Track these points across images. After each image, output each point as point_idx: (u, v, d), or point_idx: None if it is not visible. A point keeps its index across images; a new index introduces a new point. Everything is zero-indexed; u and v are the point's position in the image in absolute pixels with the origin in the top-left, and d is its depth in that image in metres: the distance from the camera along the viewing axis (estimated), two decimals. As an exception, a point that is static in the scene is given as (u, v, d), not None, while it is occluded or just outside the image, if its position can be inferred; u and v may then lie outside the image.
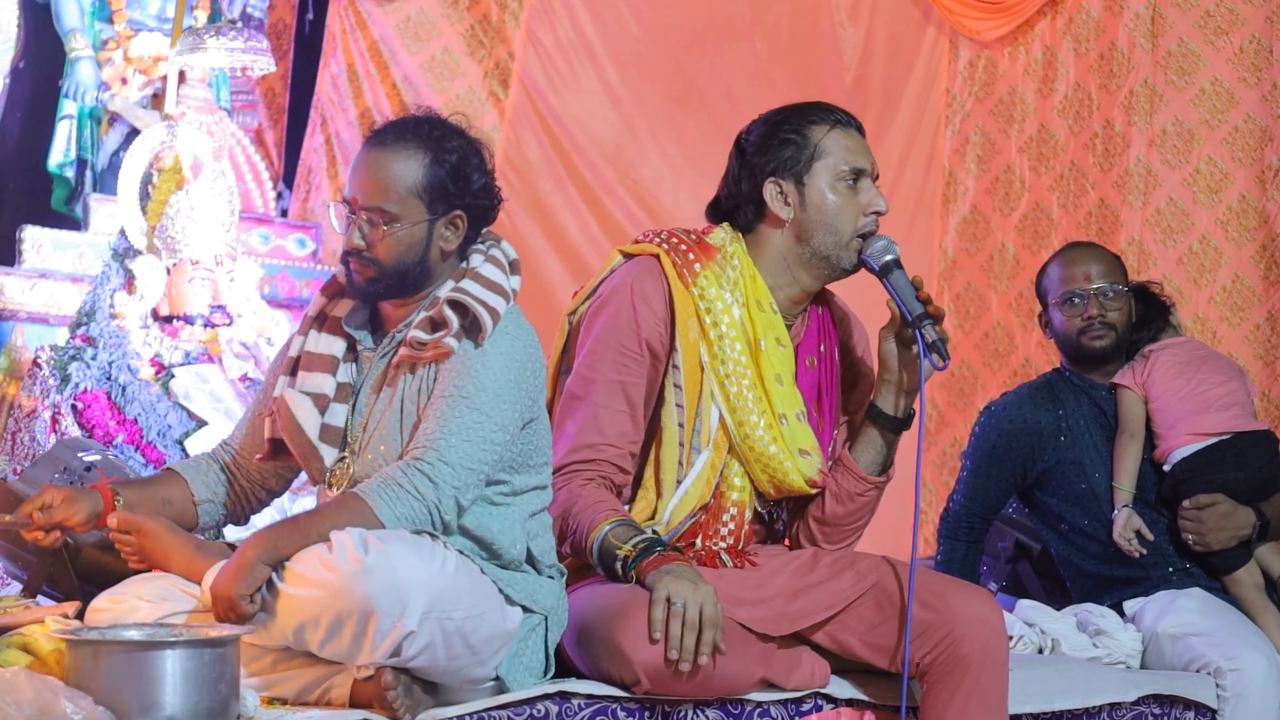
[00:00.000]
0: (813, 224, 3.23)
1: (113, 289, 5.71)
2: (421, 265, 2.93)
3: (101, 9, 6.43)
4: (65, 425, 5.34)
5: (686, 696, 2.98)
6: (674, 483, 3.15)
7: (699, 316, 3.17)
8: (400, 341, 2.92)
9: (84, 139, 6.37)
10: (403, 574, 2.64)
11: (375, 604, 2.62)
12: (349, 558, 2.64)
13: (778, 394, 3.18)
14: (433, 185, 2.91)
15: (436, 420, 2.82)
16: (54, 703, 2.38)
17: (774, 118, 3.30)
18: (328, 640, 2.69)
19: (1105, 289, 4.05)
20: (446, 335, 2.85)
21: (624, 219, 7.46)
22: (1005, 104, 7.52)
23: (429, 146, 2.93)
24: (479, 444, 2.82)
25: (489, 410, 2.84)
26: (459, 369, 2.85)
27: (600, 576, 3.10)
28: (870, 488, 3.26)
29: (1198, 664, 3.71)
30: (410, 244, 2.92)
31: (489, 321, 2.87)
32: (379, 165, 2.93)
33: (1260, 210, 6.73)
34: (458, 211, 2.94)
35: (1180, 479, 3.94)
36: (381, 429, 2.92)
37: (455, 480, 2.79)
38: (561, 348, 3.31)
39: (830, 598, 3.13)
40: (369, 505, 2.75)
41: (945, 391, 7.48)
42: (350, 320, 3.01)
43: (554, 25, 7.66)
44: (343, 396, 2.98)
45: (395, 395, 2.92)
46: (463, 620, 2.73)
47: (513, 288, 2.98)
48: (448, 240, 2.95)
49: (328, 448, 2.96)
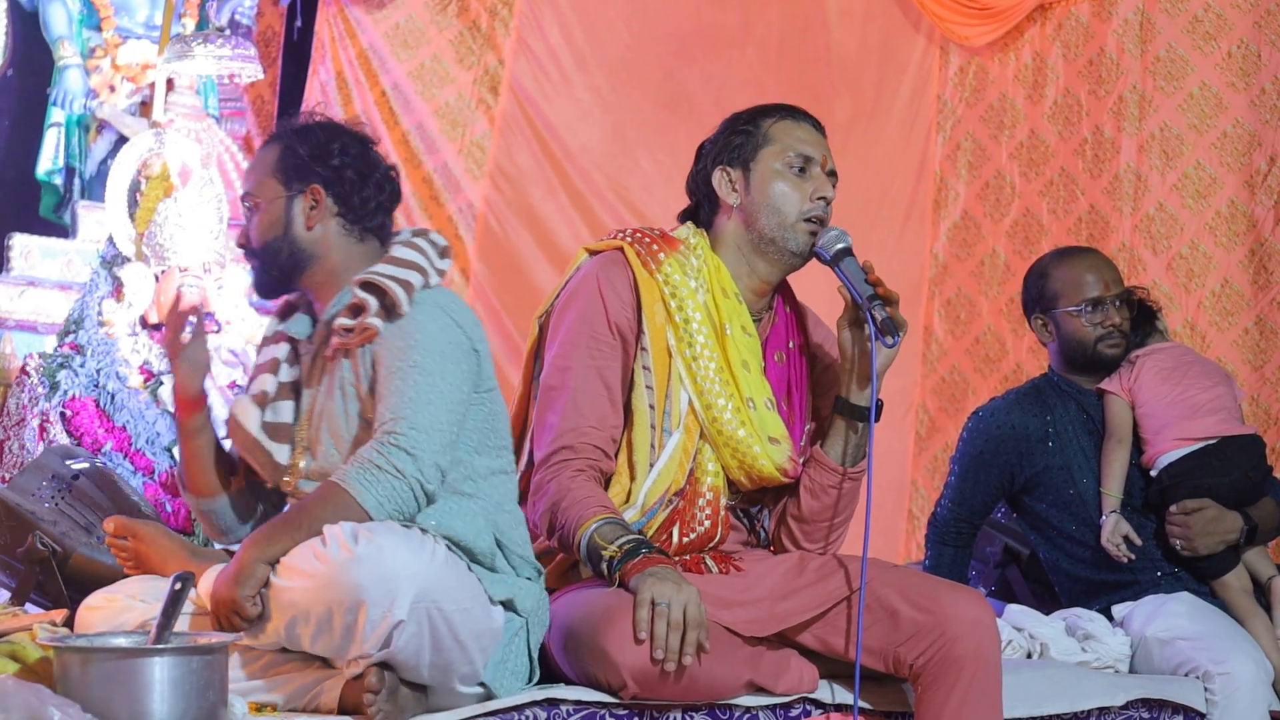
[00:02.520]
0: (757, 206, 3.26)
1: (101, 296, 5.71)
2: (287, 242, 3.01)
3: (89, 17, 6.43)
4: (54, 433, 5.34)
5: (674, 701, 2.98)
6: (647, 465, 3.16)
7: (664, 301, 3.20)
8: (328, 330, 2.97)
9: (72, 147, 6.36)
10: (392, 563, 2.66)
11: (366, 593, 2.64)
12: (340, 548, 2.66)
13: (745, 379, 3.20)
14: (286, 163, 3.02)
15: (394, 395, 2.84)
16: (42, 710, 2.38)
17: (732, 116, 3.37)
18: (319, 633, 2.70)
19: (1122, 295, 4.05)
20: (367, 317, 2.89)
21: (614, 225, 7.41)
22: (996, 110, 7.53)
23: (286, 134, 3.07)
24: (441, 405, 2.85)
25: (439, 372, 2.87)
26: (396, 345, 2.89)
27: (585, 581, 3.11)
28: (841, 479, 3.26)
29: (1186, 668, 3.71)
30: (271, 222, 3.02)
31: (401, 294, 2.90)
32: (251, 163, 3.12)
33: (1249, 215, 6.74)
34: (313, 185, 3.01)
35: (1167, 484, 3.94)
36: (328, 418, 2.96)
37: (431, 444, 2.82)
38: (532, 350, 3.31)
39: (818, 599, 3.13)
40: (350, 493, 2.77)
41: (936, 397, 7.49)
42: (291, 326, 3.08)
43: (544, 32, 7.66)
44: (286, 394, 3.03)
45: (334, 383, 2.96)
46: (451, 612, 2.74)
47: (438, 268, 3.02)
48: (309, 216, 3.01)
49: (276, 445, 3.01)
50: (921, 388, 7.51)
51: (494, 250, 7.67)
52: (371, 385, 2.91)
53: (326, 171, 3.01)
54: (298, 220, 3.01)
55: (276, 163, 3.03)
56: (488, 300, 7.64)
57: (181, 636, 2.60)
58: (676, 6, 7.78)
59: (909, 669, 3.09)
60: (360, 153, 3.06)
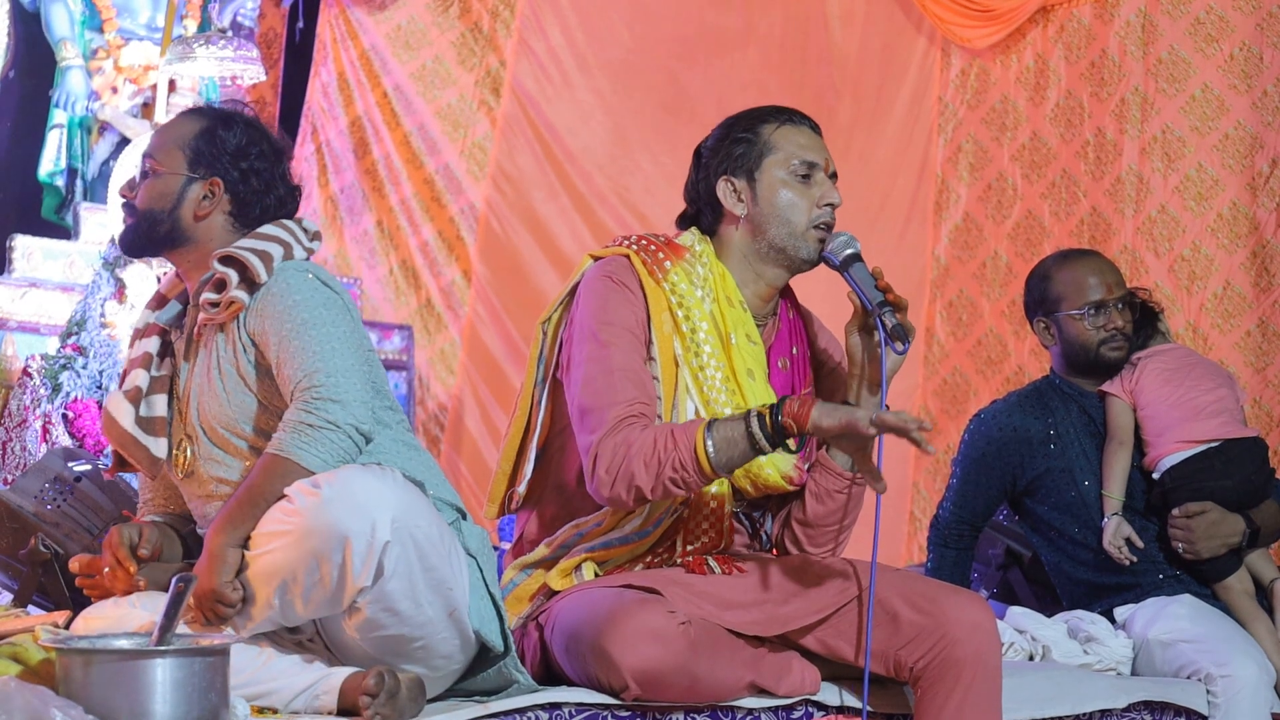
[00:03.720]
0: (765, 217, 3.24)
1: (103, 298, 5.72)
2: (171, 219, 3.00)
3: (92, 18, 6.43)
4: (56, 435, 5.35)
5: (676, 703, 2.98)
6: None
7: (671, 311, 3.19)
8: (195, 311, 2.97)
9: (74, 148, 6.37)
10: (362, 493, 2.68)
11: (346, 527, 2.66)
12: (306, 497, 2.68)
13: (750, 388, 3.19)
14: (197, 146, 3.01)
15: (296, 355, 2.84)
16: (44, 712, 2.38)
17: (728, 122, 3.34)
18: (312, 588, 2.71)
19: (1125, 298, 4.05)
20: (230, 290, 2.89)
21: (616, 228, 7.46)
22: (997, 112, 7.54)
23: (213, 116, 3.08)
24: (346, 347, 2.86)
25: (329, 320, 2.87)
26: (276, 313, 2.89)
27: (587, 583, 3.10)
28: (849, 484, 3.25)
29: (1188, 670, 3.71)
30: (162, 193, 3.01)
31: (258, 263, 2.90)
32: (165, 125, 3.12)
33: (1251, 217, 6.75)
34: (215, 178, 3.00)
35: (1169, 487, 3.94)
36: (203, 400, 2.95)
37: (352, 385, 2.82)
38: (537, 355, 3.30)
39: (820, 601, 3.13)
40: (291, 458, 2.77)
41: (938, 399, 7.50)
42: (163, 317, 3.08)
43: (545, 34, 7.67)
44: (159, 387, 3.02)
45: (210, 362, 2.95)
46: (430, 531, 2.76)
47: (307, 246, 3.03)
48: (201, 205, 3.00)
49: (152, 439, 2.99)
50: (923, 390, 7.52)
51: (495, 251, 7.68)
52: (256, 363, 2.91)
53: (234, 171, 3.02)
54: (188, 204, 3.01)
55: (190, 140, 3.02)
56: (489, 301, 7.65)
57: (184, 638, 2.60)
58: (678, 9, 7.79)
59: (909, 672, 3.09)
60: (272, 164, 3.06)
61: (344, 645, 2.87)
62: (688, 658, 2.92)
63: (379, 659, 2.83)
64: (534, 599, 3.18)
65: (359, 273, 7.51)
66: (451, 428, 7.63)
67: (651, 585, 3.04)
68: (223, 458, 2.95)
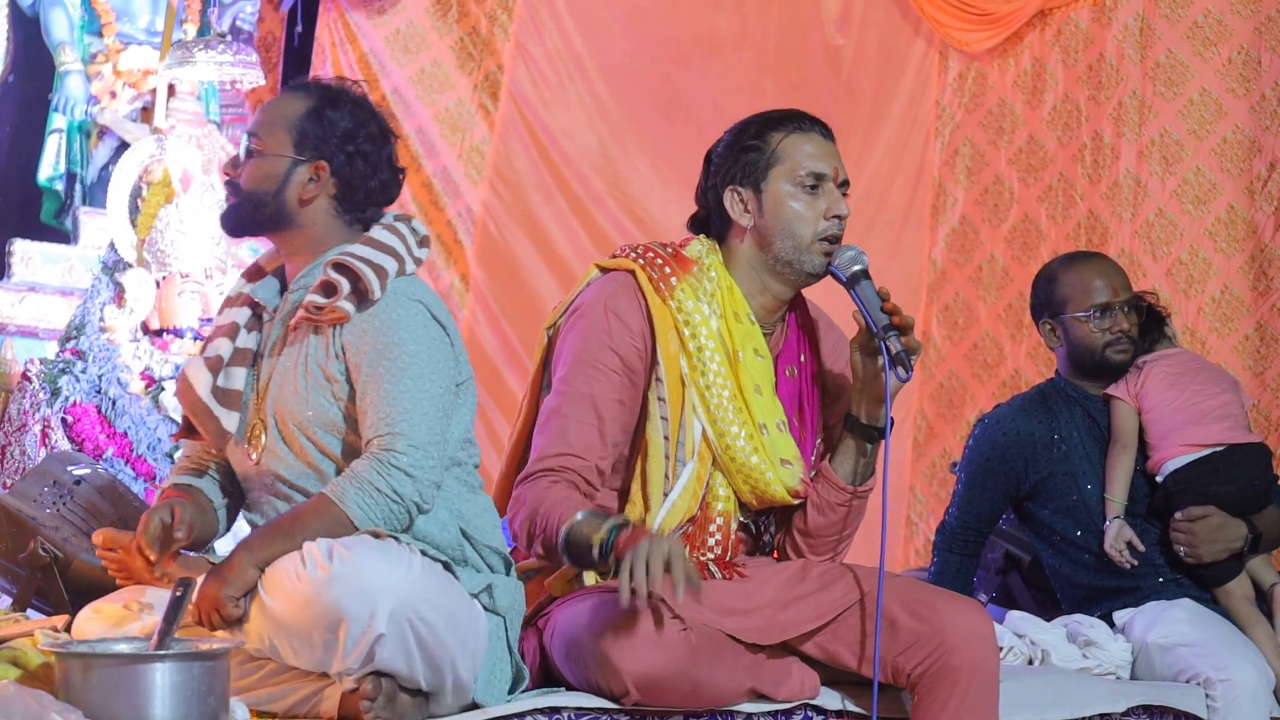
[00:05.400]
0: (771, 230, 3.21)
1: (102, 302, 5.72)
2: (275, 201, 2.93)
3: (91, 23, 6.43)
4: (55, 439, 5.35)
5: (676, 707, 2.98)
6: (660, 496, 3.14)
7: (678, 329, 3.16)
8: (296, 304, 2.91)
9: (73, 152, 6.36)
10: (370, 578, 2.65)
11: (344, 610, 2.64)
12: (317, 567, 2.66)
13: (757, 404, 3.17)
14: (304, 127, 2.94)
15: (385, 403, 2.80)
16: (43, 716, 2.38)
17: (739, 126, 3.30)
18: (301, 648, 2.71)
19: (1131, 301, 4.05)
20: (339, 299, 2.84)
21: (613, 231, 7.46)
22: (994, 115, 7.53)
23: (320, 95, 2.98)
24: (434, 416, 2.82)
25: (428, 375, 2.83)
26: (378, 341, 2.84)
27: (588, 589, 3.10)
28: (850, 497, 3.24)
29: (1188, 675, 3.71)
30: (267, 174, 2.94)
31: (374, 279, 2.85)
32: (271, 102, 3.05)
33: (1249, 221, 6.75)
34: (321, 161, 2.94)
35: (1172, 490, 3.94)
36: (283, 391, 2.91)
37: (429, 463, 2.80)
38: (540, 362, 3.29)
39: (820, 608, 3.13)
40: (346, 513, 2.76)
41: (934, 403, 7.49)
42: (258, 291, 3.02)
43: (543, 38, 7.66)
44: (241, 360, 2.97)
45: (299, 357, 2.90)
46: (434, 618, 2.72)
47: (416, 257, 2.97)
48: (306, 189, 2.94)
49: (224, 410, 2.94)
50: (919, 394, 7.51)
51: (493, 255, 7.67)
52: (346, 375, 2.87)
53: (341, 154, 2.94)
54: (293, 187, 2.94)
55: (296, 120, 2.95)
56: (486, 305, 7.64)
57: (183, 642, 2.60)
58: (675, 11, 7.78)
59: (907, 678, 3.09)
60: (379, 148, 2.98)
61: None
62: (688, 663, 2.92)
63: None
64: (534, 603, 3.18)
65: (358, 276, 7.49)
66: (450, 431, 7.62)
67: (652, 590, 3.04)
68: (285, 454, 2.92)
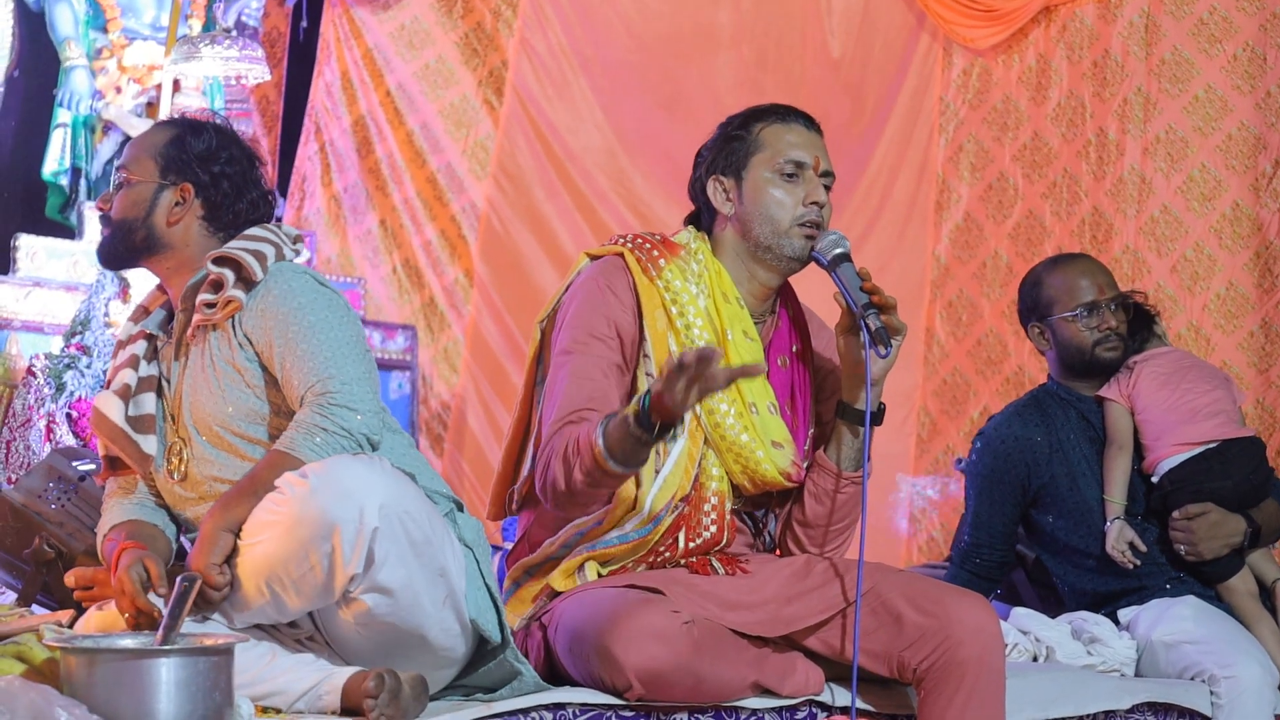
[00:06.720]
0: (751, 216, 3.24)
1: (107, 297, 5.72)
2: (145, 226, 3.03)
3: (96, 18, 6.43)
4: (60, 434, 5.35)
5: (681, 703, 2.99)
6: (653, 472, 3.13)
7: (665, 307, 3.19)
8: (187, 322, 2.99)
9: (78, 147, 6.37)
10: (350, 480, 2.69)
11: (334, 515, 2.67)
12: (294, 486, 2.70)
13: (747, 384, 3.18)
14: (168, 153, 3.05)
15: (307, 358, 2.87)
16: (48, 711, 2.38)
17: (727, 120, 3.35)
18: (303, 578, 2.72)
19: (1117, 299, 4.05)
20: (228, 290, 2.91)
21: (616, 226, 7.46)
22: (999, 112, 7.53)
23: (183, 125, 3.12)
24: (357, 352, 2.90)
25: (337, 322, 2.91)
26: (280, 314, 2.91)
27: (591, 583, 3.10)
28: (846, 483, 3.25)
29: (1192, 671, 3.71)
30: (135, 201, 3.04)
31: (253, 261, 2.93)
32: (137, 137, 3.15)
33: (1254, 218, 6.75)
34: (185, 183, 3.03)
35: (1169, 489, 3.94)
36: (198, 398, 2.97)
37: (365, 393, 2.86)
38: (534, 357, 3.30)
39: (824, 603, 3.13)
40: (301, 457, 2.79)
41: (938, 399, 7.49)
42: (148, 324, 3.10)
43: (546, 33, 7.67)
44: (148, 386, 3.04)
45: (204, 361, 2.96)
46: (420, 515, 2.76)
47: (294, 248, 3.05)
48: (173, 211, 3.03)
49: (141, 435, 3.01)
50: (923, 390, 7.51)
51: (497, 250, 7.68)
52: (257, 360, 2.93)
53: (204, 176, 3.04)
54: (160, 210, 3.03)
55: (160, 148, 3.06)
56: (490, 299, 7.65)
57: (188, 637, 2.61)
58: (677, 8, 7.79)
59: (913, 673, 3.09)
60: (243, 169, 3.08)
61: (343, 640, 2.88)
62: (691, 658, 2.92)
63: (378, 654, 2.84)
64: (537, 599, 3.19)
65: (362, 272, 7.51)
66: (455, 427, 7.63)
67: (655, 585, 3.05)
68: (217, 457, 2.96)
